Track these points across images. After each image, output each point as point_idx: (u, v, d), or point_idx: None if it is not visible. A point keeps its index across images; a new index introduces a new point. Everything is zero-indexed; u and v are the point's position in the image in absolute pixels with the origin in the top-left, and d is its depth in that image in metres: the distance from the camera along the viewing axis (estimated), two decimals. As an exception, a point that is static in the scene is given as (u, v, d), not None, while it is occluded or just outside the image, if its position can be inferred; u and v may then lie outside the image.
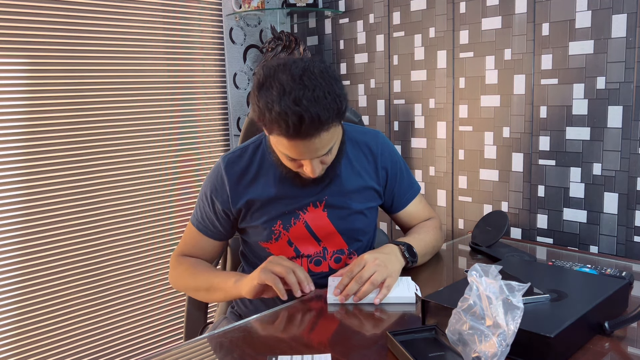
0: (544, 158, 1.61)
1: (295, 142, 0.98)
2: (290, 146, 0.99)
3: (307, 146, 0.99)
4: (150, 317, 2.11)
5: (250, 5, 2.14)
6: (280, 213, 1.16)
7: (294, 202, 1.16)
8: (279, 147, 1.03)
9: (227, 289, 1.12)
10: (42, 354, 1.84)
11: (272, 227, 1.16)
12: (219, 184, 1.17)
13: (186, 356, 0.90)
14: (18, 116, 1.74)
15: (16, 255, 1.77)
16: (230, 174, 1.16)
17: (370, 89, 2.07)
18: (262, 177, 1.16)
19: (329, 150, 1.04)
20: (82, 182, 1.88)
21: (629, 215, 1.46)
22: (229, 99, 2.26)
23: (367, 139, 1.23)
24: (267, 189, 1.16)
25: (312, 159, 1.02)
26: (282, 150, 1.03)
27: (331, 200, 1.17)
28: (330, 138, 1.01)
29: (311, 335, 0.93)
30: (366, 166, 1.22)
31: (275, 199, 1.15)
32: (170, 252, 2.14)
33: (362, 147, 1.22)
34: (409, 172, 1.30)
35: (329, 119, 0.96)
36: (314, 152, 1.01)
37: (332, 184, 1.17)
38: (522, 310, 0.72)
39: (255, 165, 1.17)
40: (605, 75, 1.46)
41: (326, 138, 1.00)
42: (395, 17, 1.95)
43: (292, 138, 0.97)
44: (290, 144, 0.98)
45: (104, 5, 1.89)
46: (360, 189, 1.20)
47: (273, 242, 1.17)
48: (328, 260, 1.19)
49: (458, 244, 1.52)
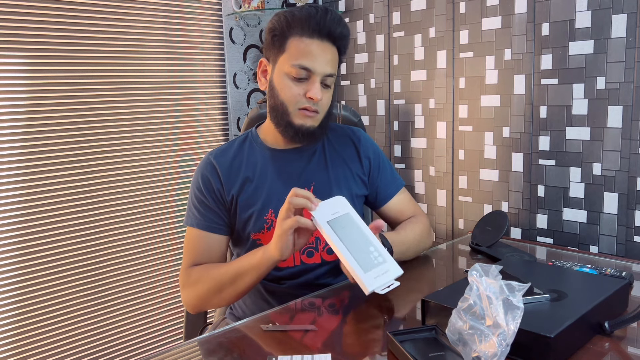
0: (544, 158, 1.61)
1: (312, 41, 1.08)
2: (307, 49, 1.08)
3: (323, 49, 1.09)
4: (150, 317, 2.11)
5: (250, 5, 2.14)
6: (271, 201, 1.16)
7: (284, 189, 1.16)
8: (291, 62, 1.09)
9: (258, 264, 1.05)
10: (41, 354, 1.84)
11: (264, 215, 1.16)
12: (210, 174, 1.17)
13: (186, 356, 0.90)
14: (17, 116, 1.74)
15: (16, 255, 1.77)
16: (221, 163, 1.18)
17: (370, 89, 2.07)
18: (251, 166, 1.18)
19: (331, 80, 1.13)
20: (81, 182, 1.88)
21: (629, 215, 1.46)
22: (228, 99, 2.26)
23: (348, 131, 1.30)
24: (257, 178, 1.17)
25: (320, 75, 1.10)
26: (294, 62, 1.09)
27: (319, 186, 1.19)
28: (335, 62, 1.13)
29: (311, 335, 0.93)
30: (350, 154, 1.26)
31: (265, 187, 1.17)
32: (170, 252, 2.14)
33: (344, 137, 1.28)
34: (391, 166, 1.33)
35: (346, 32, 1.12)
36: (325, 63, 1.10)
37: (320, 168, 1.21)
38: (522, 310, 0.72)
39: (244, 155, 1.20)
40: (605, 75, 1.46)
41: (335, 57, 1.13)
42: (395, 17, 1.95)
43: (313, 34, 1.08)
44: (307, 45, 1.08)
45: (104, 5, 1.88)
46: (347, 176, 1.23)
47: (265, 232, 1.16)
48: (320, 251, 1.19)
49: (458, 244, 1.52)
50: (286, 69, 1.10)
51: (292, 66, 1.09)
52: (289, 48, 1.10)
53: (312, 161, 1.22)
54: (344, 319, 1.01)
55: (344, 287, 1.16)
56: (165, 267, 2.13)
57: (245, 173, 1.18)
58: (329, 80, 1.13)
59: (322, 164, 1.22)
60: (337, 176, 1.22)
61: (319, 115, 1.14)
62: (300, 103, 1.11)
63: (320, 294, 1.12)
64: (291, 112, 1.12)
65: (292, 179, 1.19)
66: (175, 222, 2.15)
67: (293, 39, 1.10)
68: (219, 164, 1.18)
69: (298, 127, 1.13)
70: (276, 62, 1.14)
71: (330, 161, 1.23)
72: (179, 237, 2.16)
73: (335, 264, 1.20)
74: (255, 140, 1.23)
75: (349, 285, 1.17)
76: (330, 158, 1.23)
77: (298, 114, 1.12)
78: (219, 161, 1.18)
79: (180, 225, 2.16)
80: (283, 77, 1.11)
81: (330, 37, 1.10)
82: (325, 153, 1.24)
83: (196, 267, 1.16)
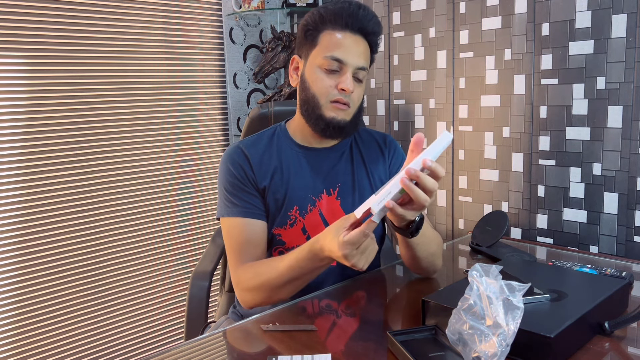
0: (544, 158, 1.61)
1: (345, 34, 1.09)
2: (339, 41, 1.09)
3: (355, 42, 1.10)
4: (150, 317, 2.11)
5: (250, 5, 2.14)
6: (297, 197, 1.15)
7: (309, 188, 1.17)
8: (323, 54, 1.10)
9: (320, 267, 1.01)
10: (41, 354, 1.84)
11: (289, 211, 1.15)
12: (242, 161, 1.15)
13: (186, 356, 0.90)
14: (17, 116, 1.74)
15: (16, 255, 1.77)
16: (252, 154, 1.16)
17: (370, 89, 2.07)
18: (281, 161, 1.17)
19: (363, 74, 1.12)
20: (81, 181, 1.88)
21: (629, 215, 1.46)
22: (228, 99, 2.26)
23: (377, 136, 1.28)
24: (285, 173, 1.16)
25: (352, 67, 1.10)
26: (327, 54, 1.09)
27: (344, 188, 1.18)
28: (368, 56, 1.14)
29: (311, 335, 0.93)
30: (376, 159, 1.24)
31: (292, 184, 1.16)
32: (169, 252, 2.14)
33: (373, 142, 1.27)
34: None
35: (378, 29, 1.13)
36: (357, 55, 1.10)
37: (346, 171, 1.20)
38: (523, 310, 0.72)
39: (274, 150, 1.19)
40: (605, 75, 1.46)
41: (367, 52, 1.13)
42: (395, 17, 1.95)
43: (345, 27, 1.09)
44: (339, 37, 1.09)
45: (104, 5, 1.88)
46: (370, 180, 1.22)
47: (287, 228, 1.15)
48: None
49: (458, 244, 1.52)
50: (318, 61, 1.11)
51: (324, 58, 1.10)
52: (321, 41, 1.11)
53: (340, 162, 1.21)
54: (344, 319, 1.01)
55: (344, 287, 1.16)
56: (165, 267, 2.13)
57: (275, 167, 1.17)
58: (360, 74, 1.12)
59: (349, 166, 1.21)
60: (361, 179, 1.21)
61: (350, 109, 1.13)
62: (332, 95, 1.10)
63: (320, 294, 1.12)
64: (322, 105, 1.11)
65: (319, 178, 1.18)
66: (175, 222, 2.15)
67: (326, 32, 1.11)
68: (250, 155, 1.16)
69: (329, 120, 1.11)
70: (308, 56, 1.14)
71: (356, 164, 1.22)
72: (179, 236, 2.16)
73: (339, 269, 1.19)
74: (285, 135, 1.21)
75: (349, 286, 1.17)
76: (356, 161, 1.22)
77: (330, 107, 1.11)
78: (250, 152, 1.17)
79: (180, 225, 2.16)
80: (315, 70, 1.12)
81: (362, 31, 1.11)
82: (352, 155, 1.23)
83: (248, 268, 1.09)
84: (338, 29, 1.10)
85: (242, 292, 1.10)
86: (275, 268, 1.05)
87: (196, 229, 2.21)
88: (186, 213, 2.17)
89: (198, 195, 2.20)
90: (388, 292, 1.20)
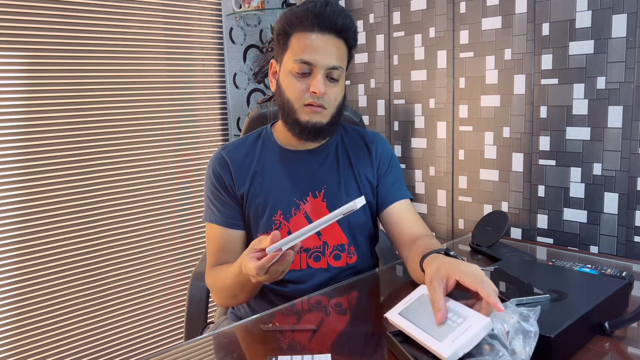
0: (544, 158, 1.61)
1: (314, 35, 1.07)
2: (307, 43, 1.07)
3: (324, 42, 1.07)
4: (150, 317, 2.10)
5: (250, 5, 2.14)
6: (281, 201, 1.16)
7: (293, 191, 1.16)
8: (293, 58, 1.08)
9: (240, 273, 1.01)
10: (41, 353, 1.84)
11: (273, 216, 1.16)
12: (222, 168, 1.17)
13: (186, 356, 0.90)
14: (16, 116, 1.73)
15: (15, 255, 1.77)
16: (232, 159, 1.18)
17: (370, 89, 2.07)
18: (262, 165, 1.18)
19: (337, 73, 1.09)
20: (81, 181, 1.88)
21: (629, 215, 1.46)
22: (228, 99, 2.26)
23: (363, 134, 1.27)
24: (267, 177, 1.17)
25: (322, 68, 1.07)
26: (296, 58, 1.07)
27: (330, 190, 1.18)
28: (341, 55, 1.10)
29: (311, 335, 0.93)
30: (363, 158, 1.23)
31: (275, 188, 1.16)
32: (169, 252, 2.14)
33: (359, 141, 1.25)
34: (401, 175, 1.27)
35: (348, 23, 1.09)
36: (327, 56, 1.07)
37: (332, 172, 1.19)
38: (537, 334, 0.71)
39: (256, 153, 1.19)
40: (605, 75, 1.46)
41: (340, 50, 1.09)
42: (395, 17, 1.95)
43: (313, 27, 1.06)
44: (309, 39, 1.06)
45: (104, 5, 1.88)
46: (357, 181, 1.21)
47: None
48: (327, 256, 1.19)
49: (458, 244, 1.52)
50: (289, 65, 1.10)
51: (295, 62, 1.08)
52: (291, 45, 1.10)
53: (325, 164, 1.20)
54: (344, 319, 1.01)
55: (344, 287, 1.16)
56: (165, 267, 2.13)
57: (255, 171, 1.17)
58: (335, 74, 1.09)
59: (334, 168, 1.20)
60: (347, 180, 1.20)
61: (326, 110, 1.11)
62: (305, 99, 1.09)
63: (320, 295, 1.12)
64: (297, 109, 1.11)
65: (303, 181, 1.17)
66: (175, 222, 2.15)
67: (295, 35, 1.09)
68: (230, 160, 1.17)
69: (304, 124, 1.11)
70: (282, 61, 1.13)
71: (342, 164, 1.21)
72: (178, 236, 2.16)
73: (341, 270, 1.19)
74: (269, 139, 1.21)
75: (348, 286, 1.17)
76: (342, 161, 1.21)
77: (304, 111, 1.10)
78: (230, 157, 1.18)
79: (180, 225, 2.16)
80: (287, 75, 1.10)
81: (332, 29, 1.08)
82: (338, 156, 1.22)
83: (214, 269, 1.16)
84: (306, 31, 1.08)
85: (211, 290, 1.19)
86: (226, 274, 1.08)
87: (196, 229, 2.21)
88: (186, 213, 2.17)
89: (198, 195, 2.20)
90: (388, 292, 1.20)
